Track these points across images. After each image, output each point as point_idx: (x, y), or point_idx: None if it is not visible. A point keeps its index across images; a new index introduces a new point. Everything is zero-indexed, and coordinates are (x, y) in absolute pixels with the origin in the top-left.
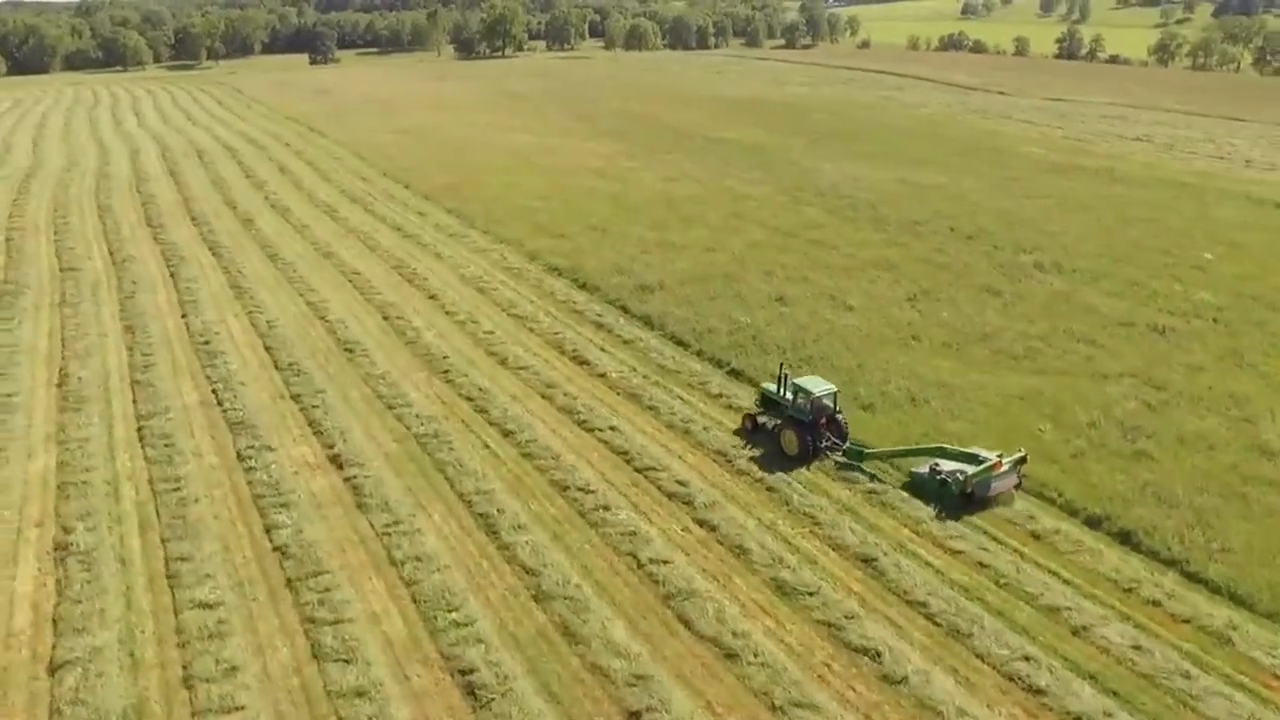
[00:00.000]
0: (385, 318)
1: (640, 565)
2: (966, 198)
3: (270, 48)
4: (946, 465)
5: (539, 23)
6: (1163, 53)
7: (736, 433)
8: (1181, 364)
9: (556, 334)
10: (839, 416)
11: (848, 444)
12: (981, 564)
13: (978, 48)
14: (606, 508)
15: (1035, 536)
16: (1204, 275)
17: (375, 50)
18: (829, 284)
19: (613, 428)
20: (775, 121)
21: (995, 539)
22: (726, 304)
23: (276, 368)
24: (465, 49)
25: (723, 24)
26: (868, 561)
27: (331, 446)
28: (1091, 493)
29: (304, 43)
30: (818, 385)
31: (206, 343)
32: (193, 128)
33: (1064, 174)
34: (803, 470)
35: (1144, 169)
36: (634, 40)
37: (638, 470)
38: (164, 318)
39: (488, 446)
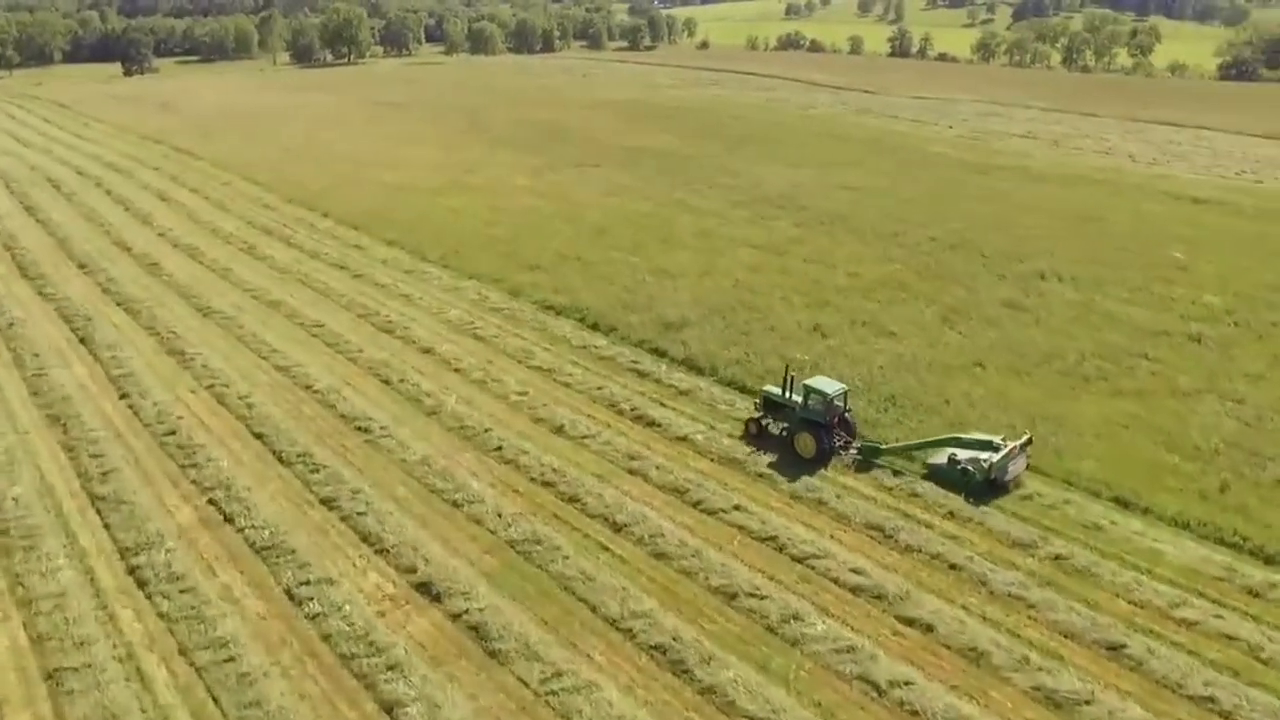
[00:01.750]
0: (386, 382)
1: (881, 692)
2: (919, 204)
3: (73, 56)
4: (963, 454)
5: (374, 28)
6: (984, 51)
7: (741, 437)
8: (1241, 374)
9: (599, 388)
10: (848, 415)
11: (861, 441)
12: (1229, 637)
13: (815, 47)
14: (796, 617)
15: (1254, 593)
16: (1190, 276)
17: (196, 58)
18: (855, 308)
19: (738, 507)
20: (679, 127)
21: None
22: (765, 339)
23: (282, 461)
24: (303, 56)
25: (565, 26)
26: None
27: (412, 570)
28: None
29: (114, 50)
30: (830, 385)
31: (171, 433)
32: (28, 150)
33: (987, 174)
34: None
35: (1053, 167)
36: (479, 44)
37: (797, 560)
38: (97, 401)
39: (606, 549)
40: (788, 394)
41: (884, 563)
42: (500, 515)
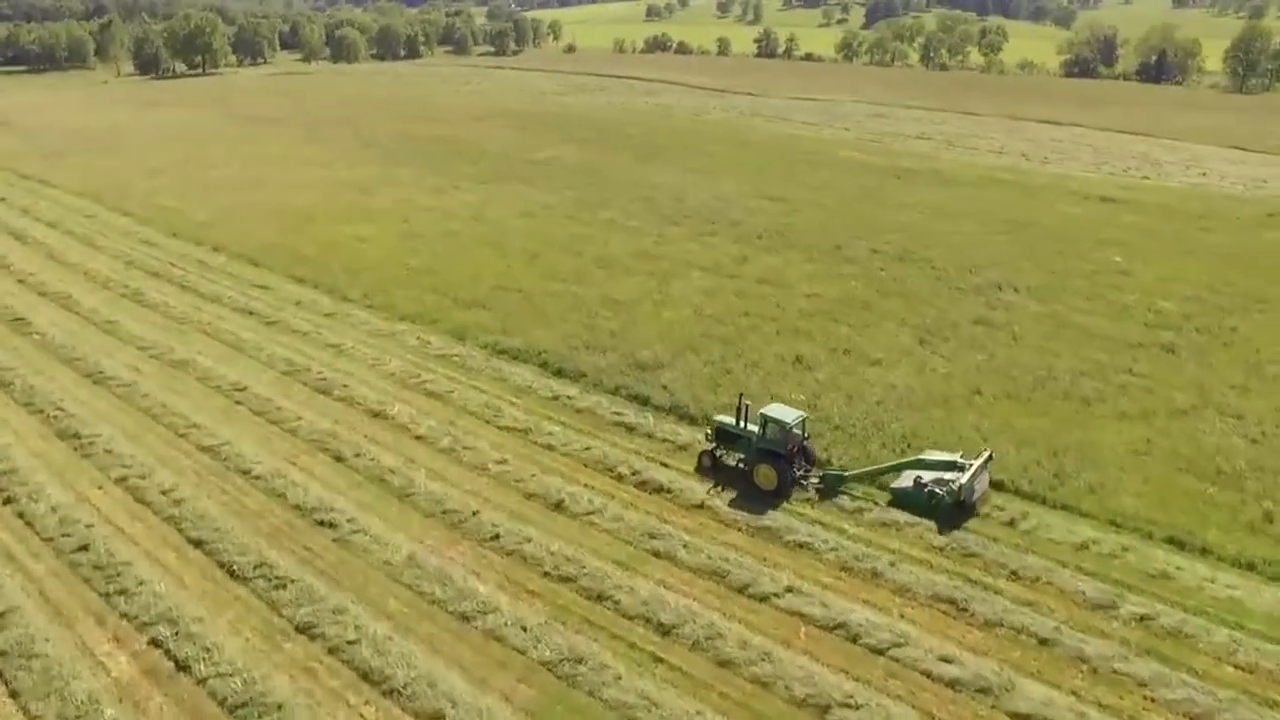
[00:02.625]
0: (338, 458)
1: None
2: (849, 214)
3: None
4: (927, 476)
5: (225, 35)
6: (847, 50)
7: (696, 470)
8: (1227, 386)
9: (587, 449)
10: (807, 443)
11: (825, 471)
12: None
13: (682, 48)
14: None
15: None
16: (1134, 281)
17: (24, 68)
18: (829, 334)
19: (790, 589)
20: (579, 137)
21: None
22: (749, 377)
23: (235, 577)
24: (148, 67)
25: (428, 32)
26: None
27: (439, 718)
28: None
29: None
30: (788, 414)
31: (83, 548)
32: None
33: (902, 179)
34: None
35: (960, 169)
36: (340, 51)
37: (877, 651)
38: None
39: (659, 659)
40: (742, 423)
41: (970, 644)
42: (524, 628)
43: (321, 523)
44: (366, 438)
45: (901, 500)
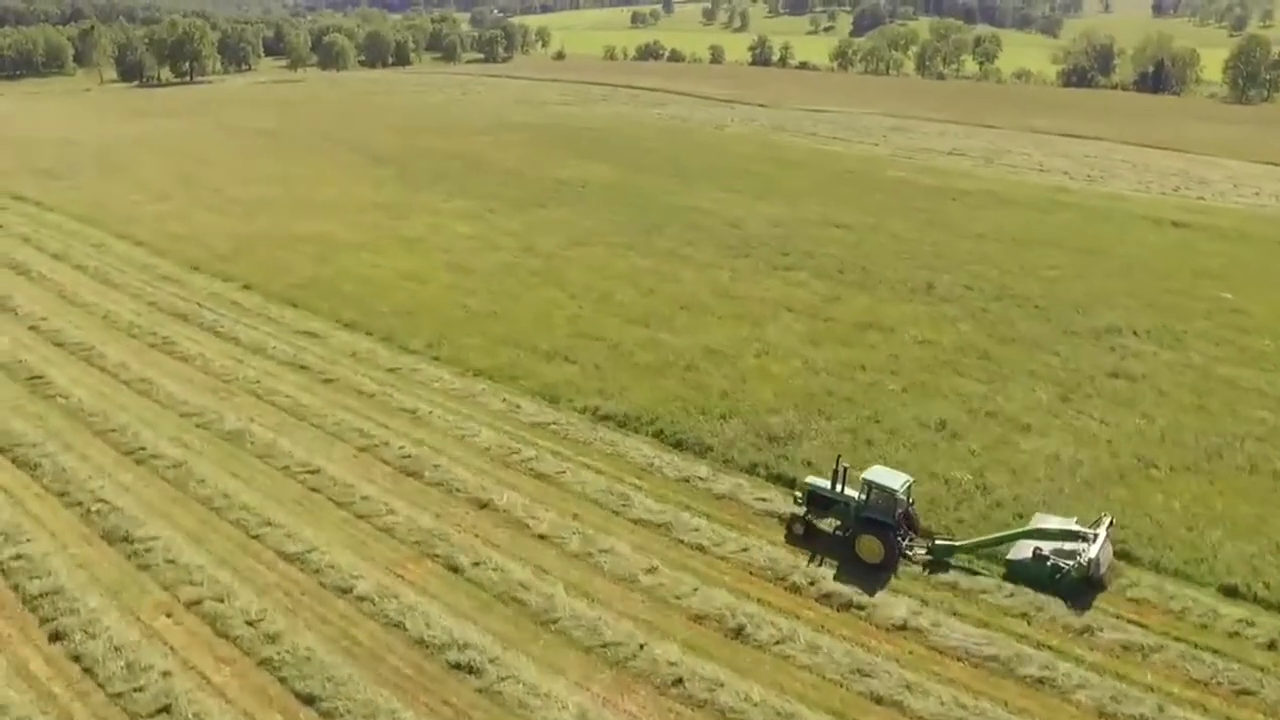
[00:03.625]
0: (454, 569)
1: None
2: (922, 241)
3: None
4: (1047, 547)
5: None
6: (842, 59)
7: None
8: None
9: (744, 550)
10: (912, 509)
11: (935, 540)
12: None
13: (675, 56)
14: None
15: None
16: (1253, 320)
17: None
18: (959, 390)
19: None
20: (605, 154)
21: None
22: (892, 447)
23: None
24: (131, 74)
25: (416, 38)
26: None
27: None
28: None
29: None
30: (894, 478)
31: (163, 710)
32: None
33: (959, 201)
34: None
35: (1012, 189)
36: (328, 58)
37: None
38: (13, 652)
39: None
40: (839, 488)
41: None
42: None
43: (458, 665)
44: (479, 538)
45: (1019, 574)
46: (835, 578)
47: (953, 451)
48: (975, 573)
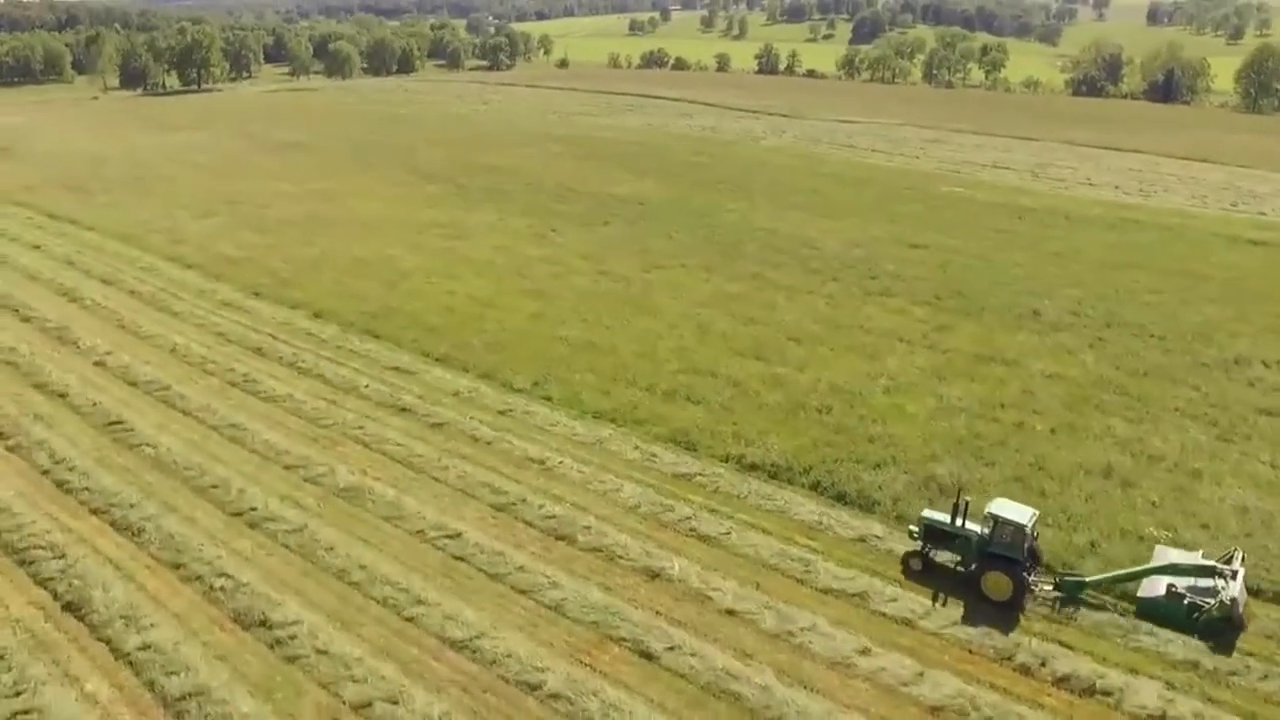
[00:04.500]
0: (647, 655)
1: None
2: (1007, 263)
3: None
4: (1181, 583)
5: None
6: (849, 67)
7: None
8: None
9: (953, 624)
10: (1035, 543)
11: (1063, 576)
12: None
13: (680, 65)
14: None
15: None
16: None
17: None
18: (1111, 431)
19: None
20: (650, 168)
21: None
22: (1072, 498)
23: None
24: (134, 81)
25: (419, 46)
26: None
27: None
28: None
29: None
30: (1020, 513)
31: None
32: None
33: (1027, 220)
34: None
35: (1080, 206)
36: (334, 65)
37: None
38: None
39: None
40: (960, 522)
41: None
42: None
43: None
44: (661, 615)
45: (1152, 612)
46: (1064, 655)
47: (1130, 502)
48: (1099, 607)
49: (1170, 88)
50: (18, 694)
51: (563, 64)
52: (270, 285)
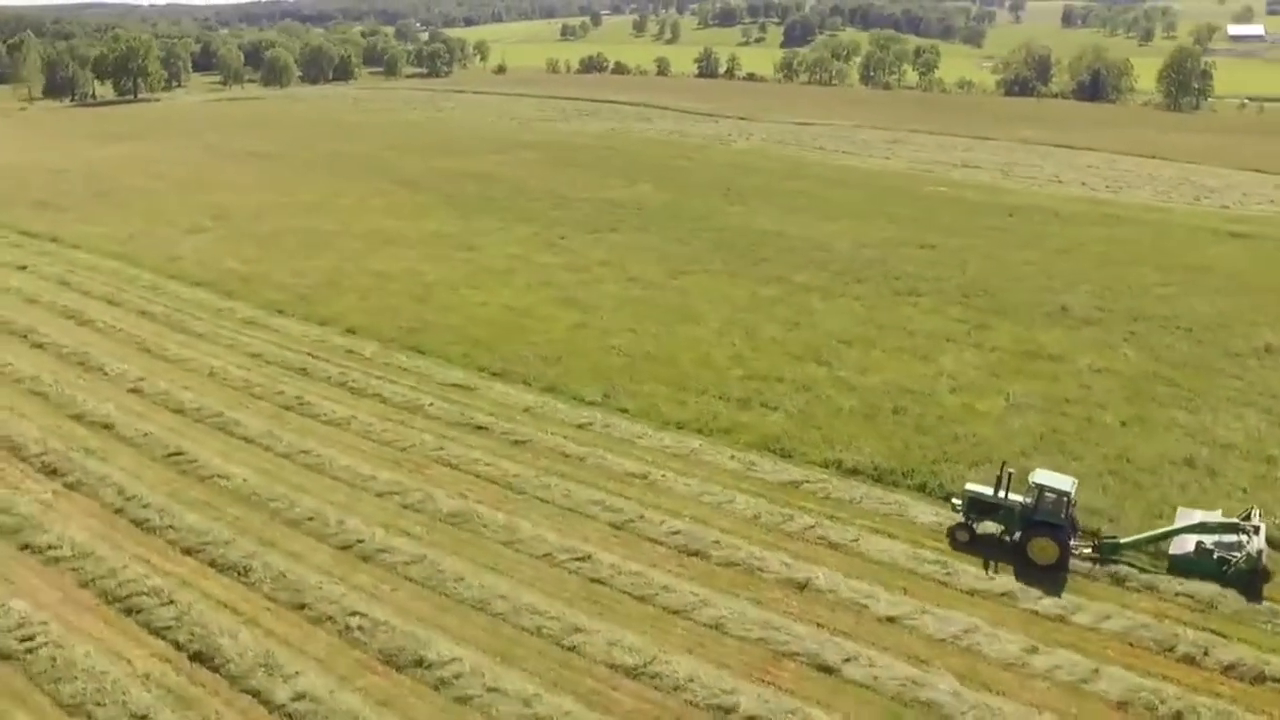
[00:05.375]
0: (826, 669)
1: None
2: (1016, 261)
3: None
4: (1208, 540)
5: None
6: (788, 70)
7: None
8: None
9: (1105, 619)
10: (1074, 510)
11: (1101, 538)
12: None
13: (619, 69)
14: None
15: None
16: None
17: None
18: (1175, 421)
19: None
20: (633, 172)
21: None
22: (1162, 490)
23: None
24: (62, 90)
25: (354, 53)
26: None
27: None
28: None
29: None
30: (1062, 481)
31: None
32: None
33: (1019, 217)
34: None
35: (1064, 204)
36: (272, 74)
37: None
38: None
39: None
40: (1003, 494)
41: None
42: None
43: None
44: (824, 627)
45: (1184, 567)
46: (1221, 644)
47: (1221, 490)
48: (1135, 566)
49: (1097, 87)
50: None
51: (500, 70)
52: (290, 302)
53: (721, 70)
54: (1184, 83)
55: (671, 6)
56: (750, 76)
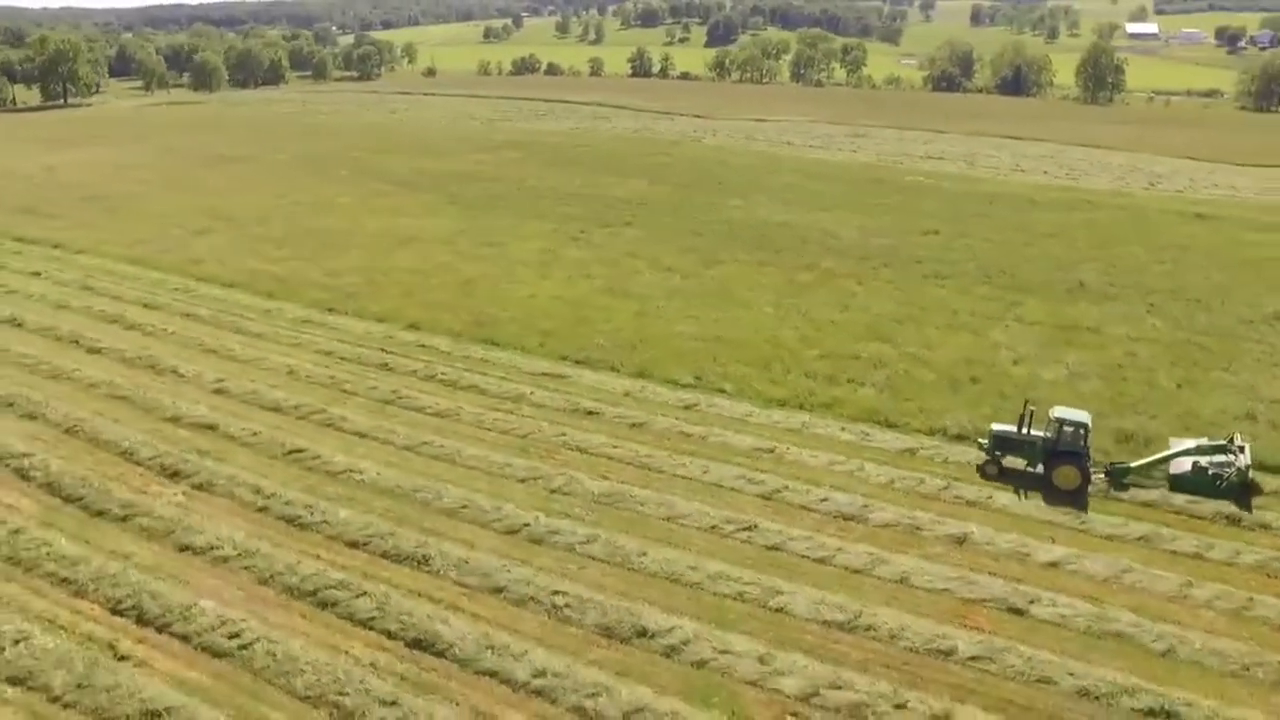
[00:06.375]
0: (1052, 623)
1: None
2: (1015, 244)
3: None
4: (1203, 460)
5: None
6: (720, 69)
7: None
8: None
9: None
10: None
11: (1113, 464)
12: None
13: (553, 70)
14: None
15: None
16: None
17: None
18: (1222, 382)
19: None
20: (620, 169)
21: None
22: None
23: None
24: None
25: (282, 56)
26: None
27: None
28: None
29: None
30: (1079, 414)
31: None
32: None
33: (998, 204)
34: None
35: (1035, 191)
36: (201, 78)
37: None
38: None
39: None
40: (1026, 429)
41: None
42: None
43: (1153, 712)
44: (996, 575)
45: (1184, 484)
46: None
47: None
48: (1144, 487)
49: (1019, 82)
50: None
51: (430, 73)
52: (338, 300)
53: (655, 70)
54: (1100, 78)
55: (592, 8)
56: (685, 75)
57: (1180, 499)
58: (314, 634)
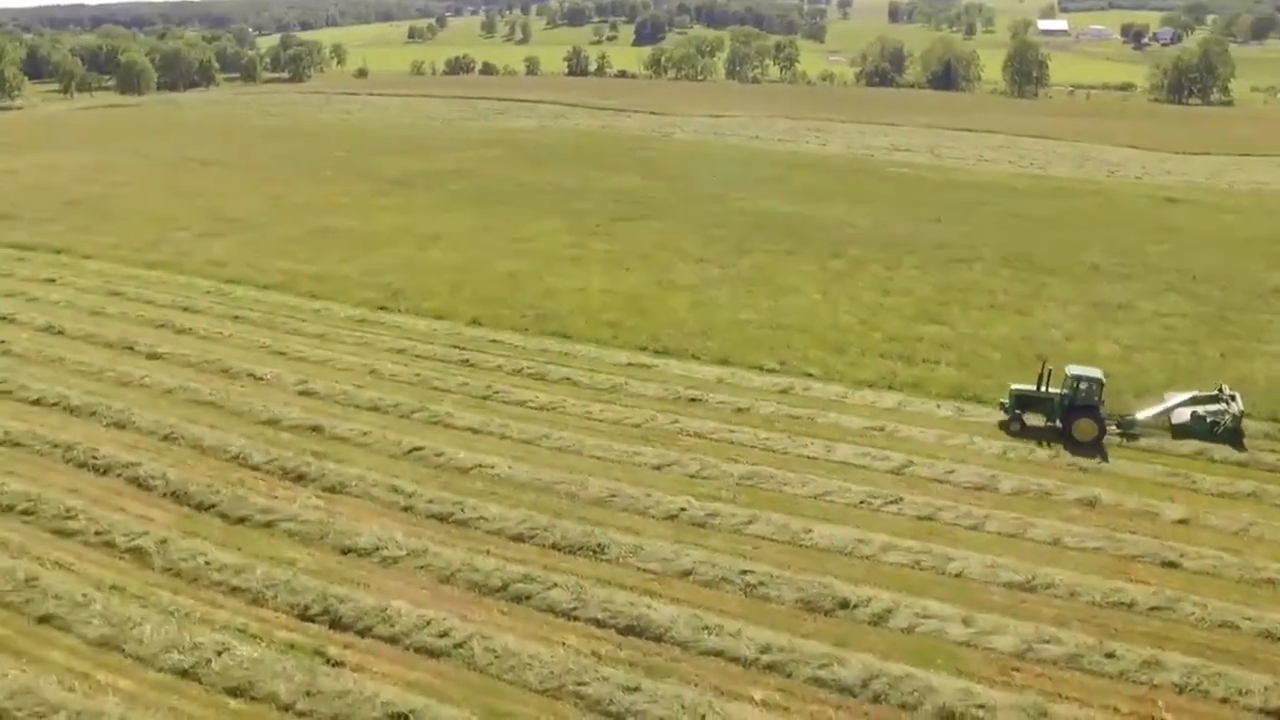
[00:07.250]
0: (1200, 572)
1: None
2: (1024, 231)
3: None
4: (1201, 409)
5: None
6: (656, 67)
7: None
8: None
9: None
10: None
11: (1122, 416)
12: None
13: (487, 69)
14: None
15: None
16: None
17: None
18: (1259, 351)
19: None
20: (607, 164)
21: None
22: None
23: None
24: None
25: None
26: None
27: None
28: None
29: None
30: (1093, 371)
31: None
32: None
33: (984, 192)
34: None
35: (1008, 179)
36: (129, 80)
37: None
38: None
39: None
40: (1044, 388)
41: None
42: None
43: None
44: (1136, 533)
45: (1185, 430)
46: None
47: None
48: (1150, 435)
49: (949, 78)
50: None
51: (361, 73)
52: (388, 299)
53: (592, 68)
54: (1026, 72)
55: (516, 7)
56: (622, 74)
57: (1271, 457)
58: (520, 628)
